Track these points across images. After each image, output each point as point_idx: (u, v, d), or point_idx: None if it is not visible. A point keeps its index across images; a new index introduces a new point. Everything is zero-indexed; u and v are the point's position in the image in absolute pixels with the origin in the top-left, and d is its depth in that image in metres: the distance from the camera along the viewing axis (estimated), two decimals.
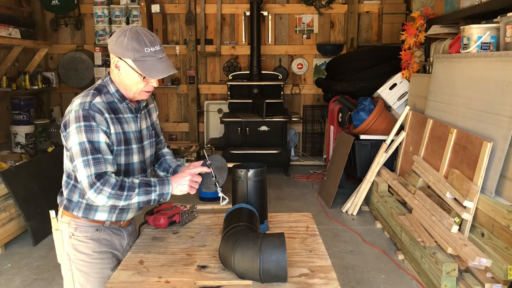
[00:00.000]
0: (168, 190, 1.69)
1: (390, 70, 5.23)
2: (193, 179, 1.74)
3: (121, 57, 1.64)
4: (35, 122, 5.96)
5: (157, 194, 1.67)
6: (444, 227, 2.94)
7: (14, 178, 3.79)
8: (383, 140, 4.47)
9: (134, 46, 1.60)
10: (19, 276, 3.27)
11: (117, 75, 1.69)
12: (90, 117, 1.61)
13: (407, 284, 3.15)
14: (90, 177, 1.59)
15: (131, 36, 1.61)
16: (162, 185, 1.69)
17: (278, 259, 1.41)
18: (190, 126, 6.83)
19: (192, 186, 1.73)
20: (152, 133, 1.91)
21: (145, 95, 1.75)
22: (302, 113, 6.82)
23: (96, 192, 1.59)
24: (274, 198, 4.99)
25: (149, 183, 1.67)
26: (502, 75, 2.86)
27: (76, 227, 1.77)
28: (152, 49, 1.62)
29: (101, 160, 1.61)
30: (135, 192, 1.63)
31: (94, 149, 1.61)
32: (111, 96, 1.72)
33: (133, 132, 1.77)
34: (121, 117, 1.73)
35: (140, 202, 1.66)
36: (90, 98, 1.65)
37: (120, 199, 1.62)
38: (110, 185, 1.60)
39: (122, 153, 1.73)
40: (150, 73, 1.63)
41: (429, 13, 4.39)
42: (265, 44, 6.66)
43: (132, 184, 1.65)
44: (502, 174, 2.74)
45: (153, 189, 1.66)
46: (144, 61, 1.62)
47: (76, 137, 1.61)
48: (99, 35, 6.51)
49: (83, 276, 1.78)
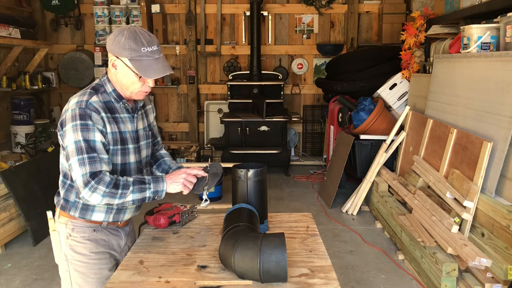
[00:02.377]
0: (163, 187, 1.69)
1: (390, 70, 5.23)
2: (188, 178, 1.74)
3: (118, 56, 1.65)
4: (35, 122, 5.96)
5: (151, 191, 1.67)
6: (444, 227, 2.94)
7: (14, 178, 3.79)
8: (383, 140, 4.48)
9: (131, 46, 1.61)
10: (19, 276, 3.27)
11: (114, 74, 1.70)
12: (86, 116, 1.61)
13: (407, 284, 3.15)
14: (85, 175, 1.59)
15: (129, 36, 1.61)
16: (157, 183, 1.69)
17: (278, 259, 1.41)
18: (190, 126, 6.83)
19: (186, 185, 1.73)
20: (149, 134, 1.91)
21: (142, 95, 1.75)
22: (302, 113, 6.83)
23: (91, 191, 1.59)
24: (274, 198, 4.99)
25: (143, 181, 1.67)
26: (502, 75, 2.86)
27: (73, 228, 1.77)
28: (149, 49, 1.62)
29: (96, 159, 1.62)
30: (130, 190, 1.64)
31: (90, 148, 1.61)
32: (108, 95, 1.72)
33: (129, 132, 1.77)
34: (118, 116, 1.73)
35: (134, 200, 1.66)
36: (87, 97, 1.66)
37: (114, 197, 1.62)
38: (104, 183, 1.60)
39: (118, 152, 1.73)
40: (146, 73, 1.63)
41: (429, 13, 4.39)
42: (265, 44, 6.67)
43: (126, 182, 1.65)
44: (502, 174, 2.74)
45: (148, 186, 1.67)
46: (141, 61, 1.62)
47: (72, 135, 1.61)
48: (99, 35, 6.51)
49: (80, 277, 1.78)
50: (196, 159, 6.07)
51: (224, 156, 5.81)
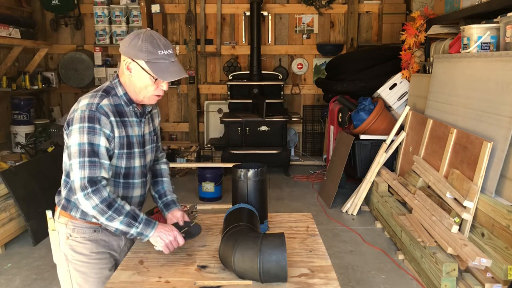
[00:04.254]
0: (149, 234, 1.65)
1: (390, 70, 5.23)
2: (173, 243, 1.67)
3: (134, 58, 1.64)
4: (35, 122, 5.96)
5: (137, 231, 1.64)
6: (444, 227, 2.94)
7: (14, 178, 3.79)
8: (383, 140, 4.48)
9: (148, 48, 1.61)
10: (19, 276, 3.27)
11: (128, 77, 1.69)
12: (95, 119, 1.61)
13: (407, 284, 3.15)
14: (83, 179, 1.59)
15: (145, 39, 1.62)
16: (146, 227, 1.65)
17: (278, 259, 1.41)
18: (190, 126, 6.83)
19: (168, 247, 1.66)
20: (154, 138, 1.90)
21: (154, 99, 1.74)
22: (302, 113, 6.82)
23: (85, 197, 1.59)
24: (274, 198, 4.99)
25: (136, 218, 1.64)
26: (502, 75, 2.86)
27: (73, 228, 1.76)
28: (165, 52, 1.63)
29: (97, 164, 1.61)
30: (119, 218, 1.61)
31: (93, 152, 1.61)
32: (118, 98, 1.71)
33: (136, 136, 1.76)
34: (126, 120, 1.72)
35: (118, 229, 1.63)
36: (98, 100, 1.65)
37: (103, 215, 1.60)
38: (100, 197, 1.59)
39: (124, 156, 1.72)
40: (163, 75, 1.63)
41: (429, 13, 4.39)
42: (265, 44, 6.67)
43: (120, 209, 1.62)
44: (502, 174, 2.74)
45: (136, 225, 1.63)
46: (157, 63, 1.63)
47: (77, 136, 1.61)
48: (99, 35, 6.51)
49: (81, 277, 1.77)
50: (196, 159, 6.08)
51: (224, 156, 5.81)
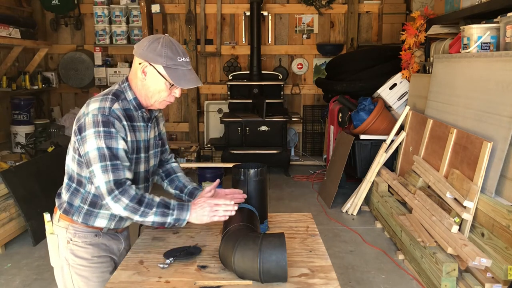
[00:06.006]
0: (185, 216, 1.64)
1: (390, 70, 5.22)
2: (213, 208, 1.67)
3: (151, 62, 1.62)
4: (35, 122, 5.96)
5: (173, 218, 1.63)
6: (444, 227, 2.94)
7: (14, 178, 3.79)
8: (383, 140, 4.48)
9: (167, 54, 1.60)
10: (19, 276, 3.27)
11: (141, 80, 1.66)
12: (109, 123, 1.59)
13: (407, 284, 3.15)
14: (108, 183, 1.57)
15: (165, 44, 1.61)
16: (181, 210, 1.64)
17: (278, 259, 1.41)
18: (190, 126, 6.83)
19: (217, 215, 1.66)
20: (159, 143, 1.88)
21: (165, 105, 1.73)
22: (302, 113, 6.82)
23: (113, 201, 1.57)
24: (274, 198, 4.99)
25: (168, 205, 1.64)
26: (502, 75, 2.86)
27: (75, 233, 1.74)
28: (184, 59, 1.63)
29: (119, 166, 1.59)
30: (152, 210, 1.60)
31: (113, 155, 1.59)
32: (128, 103, 1.69)
33: (143, 141, 1.75)
34: (135, 125, 1.71)
35: (155, 222, 1.62)
36: (109, 104, 1.62)
37: (136, 213, 1.60)
38: (128, 196, 1.59)
39: (132, 161, 1.71)
40: (180, 82, 1.62)
41: (429, 13, 4.39)
42: (265, 44, 6.66)
43: (151, 202, 1.62)
44: (502, 174, 2.74)
45: (171, 212, 1.63)
46: (176, 70, 1.61)
47: (94, 142, 1.57)
48: (99, 35, 6.50)
49: (83, 281, 1.76)
50: (196, 159, 6.07)
51: (224, 156, 5.81)
